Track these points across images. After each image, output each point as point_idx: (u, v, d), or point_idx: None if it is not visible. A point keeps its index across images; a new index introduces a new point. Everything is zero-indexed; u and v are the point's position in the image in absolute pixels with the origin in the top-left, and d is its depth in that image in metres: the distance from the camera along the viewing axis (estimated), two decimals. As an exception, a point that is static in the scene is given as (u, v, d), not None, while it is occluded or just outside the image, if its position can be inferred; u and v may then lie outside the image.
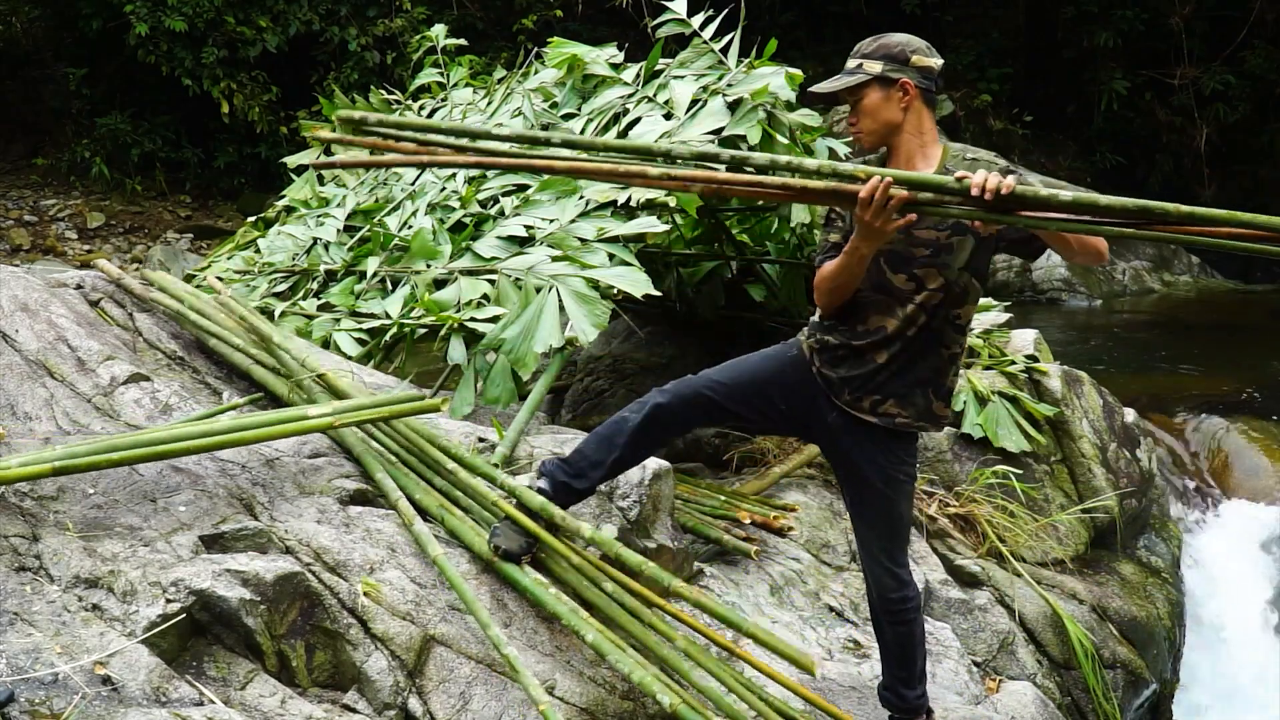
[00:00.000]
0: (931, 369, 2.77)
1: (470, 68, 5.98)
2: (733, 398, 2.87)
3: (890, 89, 2.69)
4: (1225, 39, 12.66)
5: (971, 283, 2.73)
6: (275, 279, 4.71)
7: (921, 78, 2.69)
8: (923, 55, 2.70)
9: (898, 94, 2.69)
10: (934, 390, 2.79)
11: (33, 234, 11.25)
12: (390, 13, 12.13)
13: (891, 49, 2.70)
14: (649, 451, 3.00)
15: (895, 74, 2.68)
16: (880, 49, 2.71)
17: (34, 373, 3.02)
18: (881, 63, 2.69)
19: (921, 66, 2.69)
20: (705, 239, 5.36)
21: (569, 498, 2.92)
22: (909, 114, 2.70)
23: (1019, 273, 10.10)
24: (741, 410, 2.90)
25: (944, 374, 2.79)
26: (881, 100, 2.70)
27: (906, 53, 2.69)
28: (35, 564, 2.39)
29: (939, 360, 2.78)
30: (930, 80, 2.71)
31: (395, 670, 2.53)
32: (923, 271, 2.69)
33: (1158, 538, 5.07)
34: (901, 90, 2.68)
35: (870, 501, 2.91)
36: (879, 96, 2.70)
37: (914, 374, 2.76)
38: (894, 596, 2.93)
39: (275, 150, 11.31)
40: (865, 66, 2.70)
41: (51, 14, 12.61)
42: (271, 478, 2.93)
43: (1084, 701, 4.16)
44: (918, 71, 2.69)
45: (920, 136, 2.72)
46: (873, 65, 2.70)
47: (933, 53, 2.74)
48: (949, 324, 2.75)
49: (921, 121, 2.72)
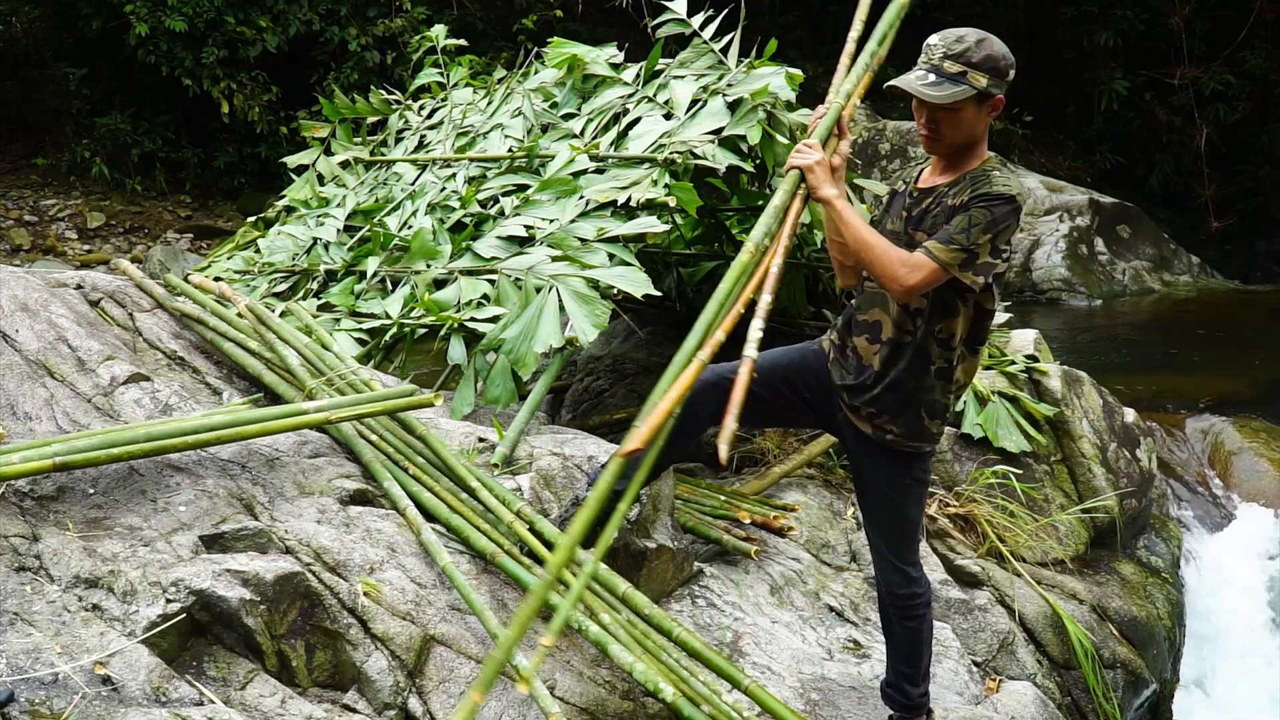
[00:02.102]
0: (920, 385, 2.72)
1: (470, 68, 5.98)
2: (761, 382, 2.85)
3: (985, 103, 2.58)
4: (1225, 39, 12.66)
5: (952, 297, 2.65)
6: (275, 279, 4.71)
7: (1005, 91, 2.59)
8: (1011, 67, 2.58)
9: (988, 108, 2.59)
10: (926, 409, 2.75)
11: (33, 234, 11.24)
12: (390, 13, 12.12)
13: (997, 61, 2.55)
14: (682, 445, 2.97)
15: (996, 89, 2.56)
16: (987, 60, 2.54)
17: (34, 373, 3.02)
18: (987, 76, 2.54)
19: (1010, 80, 2.58)
20: (705, 239, 5.36)
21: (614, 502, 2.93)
22: (981, 127, 2.62)
23: (1019, 273, 10.10)
24: (769, 395, 2.88)
25: (933, 390, 2.74)
26: (975, 114, 2.58)
27: (1007, 67, 2.56)
28: (35, 564, 2.39)
29: (926, 376, 2.72)
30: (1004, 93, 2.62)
31: (395, 670, 2.53)
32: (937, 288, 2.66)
33: (1158, 538, 5.07)
34: (992, 106, 2.59)
35: (877, 504, 2.93)
36: (975, 110, 2.58)
37: (904, 388, 2.72)
38: (902, 593, 2.94)
39: (275, 150, 11.30)
40: (971, 78, 2.53)
41: (51, 14, 12.60)
42: (271, 478, 2.93)
43: (1084, 701, 4.16)
44: (1007, 85, 2.58)
45: (975, 153, 2.64)
46: (978, 78, 2.53)
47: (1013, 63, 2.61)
48: (932, 337, 2.69)
49: (983, 136, 2.64)
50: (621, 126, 4.32)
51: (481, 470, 3.14)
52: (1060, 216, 10.42)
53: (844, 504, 4.30)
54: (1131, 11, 12.76)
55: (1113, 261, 10.40)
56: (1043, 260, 10.12)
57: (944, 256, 2.52)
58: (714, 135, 4.01)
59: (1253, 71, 12.54)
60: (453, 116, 5.25)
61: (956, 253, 2.52)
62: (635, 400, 5.16)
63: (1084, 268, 10.18)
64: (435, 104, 5.60)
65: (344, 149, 5.56)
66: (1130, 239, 10.76)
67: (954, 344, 2.71)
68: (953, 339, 2.70)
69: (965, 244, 2.52)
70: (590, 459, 3.40)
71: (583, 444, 3.49)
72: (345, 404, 3.04)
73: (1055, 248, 10.16)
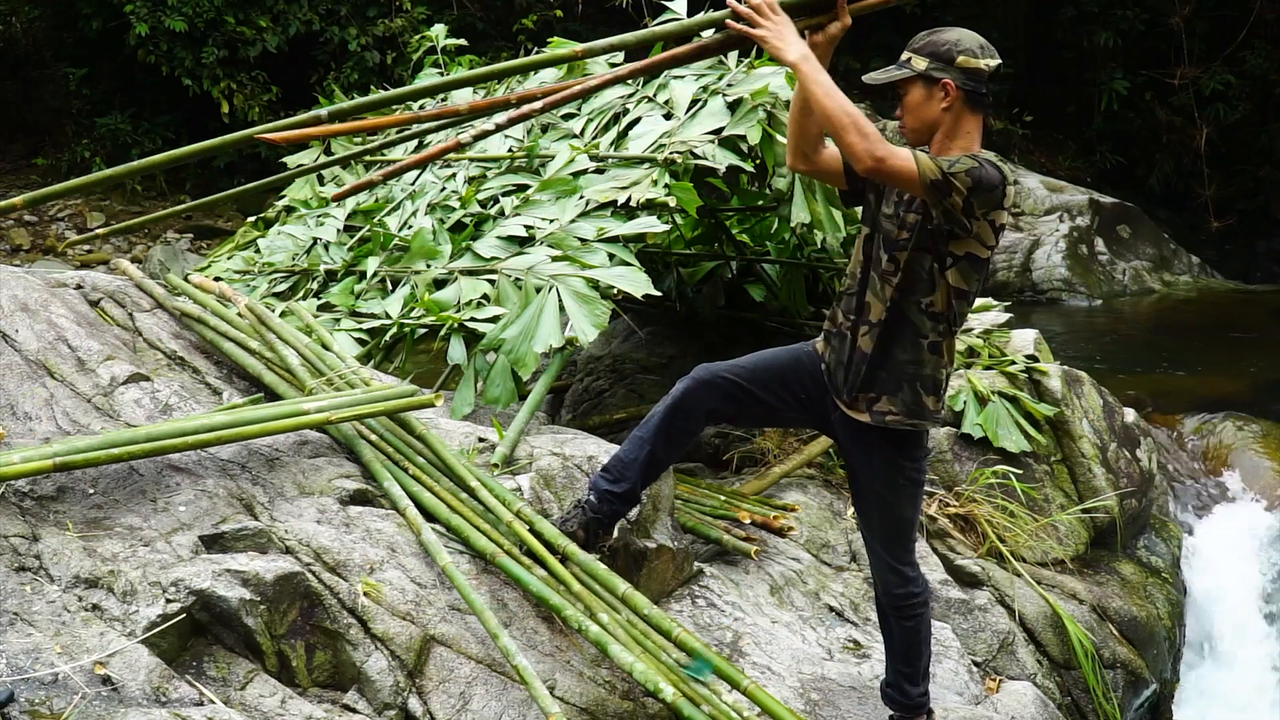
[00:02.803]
0: (913, 360, 2.74)
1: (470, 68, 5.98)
2: (756, 381, 2.89)
3: (933, 88, 2.64)
4: (1225, 39, 12.65)
5: (936, 269, 2.67)
6: (275, 279, 4.71)
7: (966, 79, 2.63)
8: (971, 56, 2.63)
9: (939, 93, 2.64)
10: (920, 384, 2.75)
11: (33, 234, 11.24)
12: (390, 13, 12.11)
13: (939, 47, 2.64)
14: (679, 444, 2.98)
15: (939, 73, 2.63)
16: (928, 45, 2.65)
17: (34, 373, 3.02)
18: (928, 60, 2.64)
19: (968, 68, 2.62)
20: (705, 239, 5.36)
21: (615, 504, 2.94)
22: (949, 114, 2.65)
23: (1019, 273, 10.10)
24: (764, 395, 2.91)
25: (926, 365, 2.75)
26: (924, 98, 2.66)
27: (954, 52, 2.63)
28: (35, 564, 2.39)
29: (918, 351, 2.74)
30: (977, 82, 2.64)
31: (395, 670, 2.53)
32: (901, 255, 2.70)
33: (1158, 538, 5.07)
34: (943, 90, 2.63)
35: (871, 503, 2.93)
36: (921, 94, 2.66)
37: (897, 365, 2.74)
38: (898, 592, 2.95)
39: (275, 150, 11.29)
40: (912, 62, 2.65)
41: (51, 14, 12.59)
42: (271, 478, 2.93)
43: (1084, 701, 4.16)
44: (962, 73, 2.62)
45: (955, 140, 2.67)
46: (919, 61, 2.65)
47: (986, 53, 2.65)
48: (921, 311, 2.71)
49: (961, 123, 2.66)
50: (621, 126, 4.32)
51: (481, 470, 3.14)
52: (1060, 216, 10.42)
53: (844, 504, 4.30)
54: (1131, 11, 12.75)
55: (1113, 261, 10.40)
56: (1043, 260, 10.12)
57: (923, 163, 2.54)
58: (714, 135, 4.01)
59: (1253, 71, 12.54)
60: (453, 116, 5.25)
61: (934, 170, 2.54)
62: (635, 400, 5.16)
63: (1084, 268, 10.17)
64: (435, 104, 5.60)
65: (344, 149, 5.56)
66: (1130, 239, 10.76)
67: (940, 318, 2.73)
68: (940, 313, 2.72)
69: (945, 169, 2.54)
70: (590, 459, 3.40)
71: (583, 444, 3.49)
72: (345, 404, 3.04)
73: (1055, 248, 10.16)
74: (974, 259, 2.67)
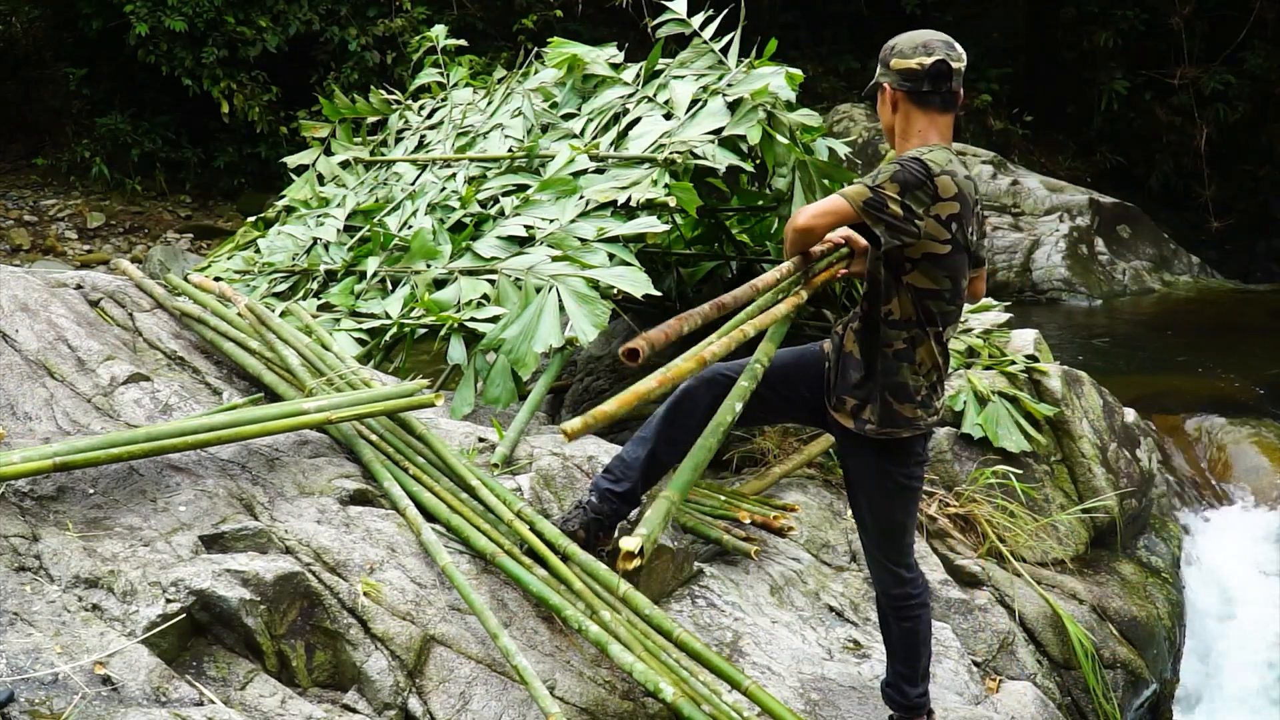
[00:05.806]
0: (883, 369, 2.75)
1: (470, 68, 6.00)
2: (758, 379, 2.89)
3: (881, 93, 2.76)
4: (1225, 39, 12.65)
5: (890, 279, 2.70)
6: (275, 279, 4.71)
7: (900, 80, 2.68)
8: (902, 57, 2.68)
9: (885, 97, 2.74)
10: (890, 392, 2.75)
11: (33, 234, 11.24)
12: (390, 13, 12.11)
13: (883, 53, 2.74)
14: (681, 444, 2.96)
15: (881, 78, 2.74)
16: (881, 51, 2.75)
17: (34, 373, 3.02)
18: (880, 66, 2.75)
19: (901, 69, 2.68)
20: (705, 239, 5.36)
21: (616, 504, 2.95)
22: (898, 116, 2.73)
23: (1019, 272, 10.10)
24: (767, 393, 2.92)
25: (895, 373, 2.74)
26: (880, 104, 2.78)
27: (889, 55, 2.72)
28: (35, 564, 2.39)
29: (886, 360, 2.75)
30: (912, 81, 2.66)
31: (395, 670, 2.53)
32: (871, 266, 2.79)
33: (1158, 538, 5.07)
34: (887, 94, 2.73)
35: (863, 505, 2.95)
36: (879, 100, 2.78)
37: (873, 373, 2.77)
38: (895, 593, 2.95)
39: (275, 150, 11.29)
40: (878, 70, 2.76)
41: (51, 14, 12.59)
42: (271, 478, 2.93)
43: (1084, 701, 4.16)
44: (896, 74, 2.69)
45: (909, 140, 2.72)
46: (879, 69, 2.76)
47: (921, 52, 2.66)
48: (882, 320, 2.73)
49: (909, 124, 2.71)
50: (621, 126, 4.32)
51: (481, 470, 3.14)
52: (1060, 216, 10.41)
53: (844, 504, 4.29)
54: (1131, 11, 12.75)
55: (1113, 261, 10.40)
56: (1043, 260, 10.11)
57: (851, 193, 2.61)
58: (714, 135, 4.01)
59: (1253, 71, 12.54)
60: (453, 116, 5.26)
61: (863, 191, 2.59)
62: (635, 400, 5.15)
63: (1084, 268, 10.17)
64: (435, 104, 5.61)
65: (344, 149, 5.56)
66: (1130, 239, 10.76)
67: (904, 325, 2.72)
68: (902, 319, 2.72)
69: (872, 185, 2.59)
70: (590, 459, 3.40)
71: (583, 444, 3.49)
72: (345, 404, 3.04)
73: (1055, 248, 10.15)
74: (933, 257, 2.66)
